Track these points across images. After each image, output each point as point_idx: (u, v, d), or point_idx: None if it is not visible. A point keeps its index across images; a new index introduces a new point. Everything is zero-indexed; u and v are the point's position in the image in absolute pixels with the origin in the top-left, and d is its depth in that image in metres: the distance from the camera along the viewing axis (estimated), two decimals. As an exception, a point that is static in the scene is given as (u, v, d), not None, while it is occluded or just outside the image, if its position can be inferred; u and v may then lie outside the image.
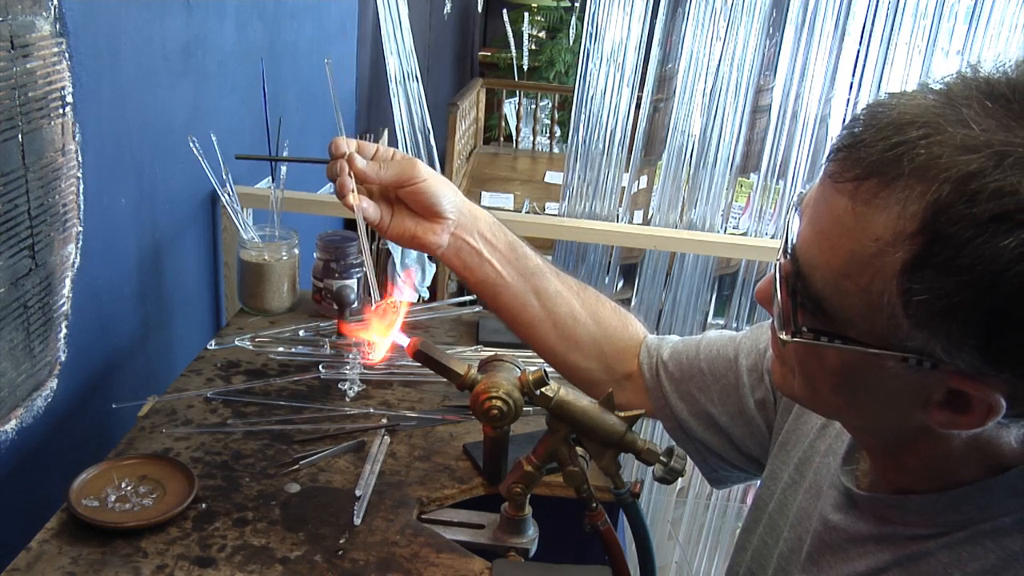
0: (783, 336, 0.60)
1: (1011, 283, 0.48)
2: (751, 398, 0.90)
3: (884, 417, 0.62)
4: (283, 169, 1.57)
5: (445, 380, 0.89)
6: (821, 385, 0.63)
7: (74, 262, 1.21)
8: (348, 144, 0.90)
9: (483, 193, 4.21)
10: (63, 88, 1.13)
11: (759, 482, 0.90)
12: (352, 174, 0.90)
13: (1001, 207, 0.48)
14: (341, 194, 0.90)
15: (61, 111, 1.13)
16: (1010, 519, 0.61)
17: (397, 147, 3.51)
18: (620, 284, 2.46)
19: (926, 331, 0.53)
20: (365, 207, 0.91)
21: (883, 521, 0.67)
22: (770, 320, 0.89)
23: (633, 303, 2.45)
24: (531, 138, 5.74)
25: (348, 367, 1.32)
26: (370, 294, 0.90)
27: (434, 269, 3.52)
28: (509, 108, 5.66)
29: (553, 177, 4.52)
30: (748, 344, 0.92)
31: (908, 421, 0.60)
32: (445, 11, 5.14)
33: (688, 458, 0.90)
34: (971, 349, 0.52)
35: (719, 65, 2.20)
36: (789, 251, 0.60)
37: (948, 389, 0.55)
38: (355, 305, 1.41)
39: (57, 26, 1.10)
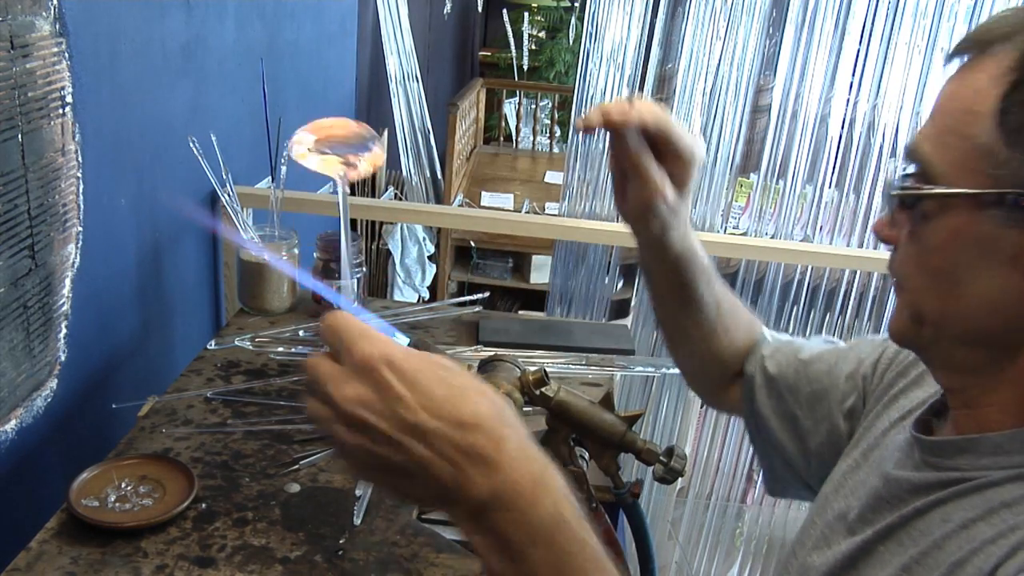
0: (897, 214, 0.66)
1: None
2: (842, 405, 0.89)
3: (982, 306, 0.63)
4: (283, 169, 1.57)
5: (445, 380, 0.89)
6: (927, 278, 0.66)
7: (74, 262, 1.21)
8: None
9: (483, 193, 4.21)
10: (63, 88, 1.13)
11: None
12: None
13: None
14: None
15: (61, 111, 1.13)
16: None
17: (397, 147, 3.51)
18: (620, 284, 2.45)
19: (1021, 150, 0.58)
20: None
21: (951, 469, 0.66)
22: (867, 337, 0.91)
23: (633, 303, 2.45)
24: (531, 138, 5.74)
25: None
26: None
27: (434, 269, 3.53)
28: (509, 108, 5.66)
29: (553, 177, 4.52)
30: (850, 353, 0.92)
31: (1009, 312, 0.61)
32: (445, 11, 5.14)
33: (687, 459, 0.90)
34: None
35: (719, 65, 2.20)
36: (905, 159, 0.66)
37: None
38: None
39: (57, 26, 1.10)
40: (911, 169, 0.65)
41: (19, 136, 1.04)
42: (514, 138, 5.54)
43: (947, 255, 0.63)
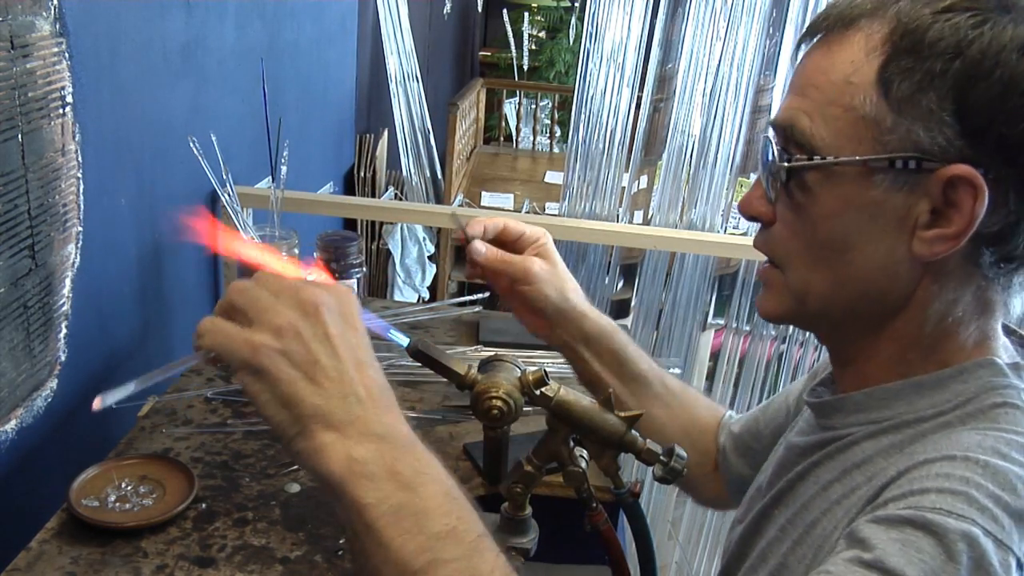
0: (775, 190, 0.67)
1: (971, 51, 0.58)
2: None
3: (872, 269, 0.65)
4: (283, 169, 1.57)
5: (445, 380, 0.89)
6: (815, 250, 0.67)
7: (74, 262, 1.21)
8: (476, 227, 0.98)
9: (483, 193, 4.21)
10: (63, 88, 1.13)
11: None
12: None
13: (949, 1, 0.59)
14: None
15: (61, 111, 1.13)
16: (930, 423, 0.63)
17: (397, 148, 3.51)
18: (620, 284, 2.45)
19: (908, 116, 0.60)
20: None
21: (828, 429, 0.70)
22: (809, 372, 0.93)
23: (633, 303, 2.45)
24: (531, 138, 5.73)
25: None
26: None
27: (434, 269, 3.52)
28: (509, 108, 5.66)
29: (553, 177, 4.52)
30: (796, 385, 0.94)
31: (896, 271, 0.64)
32: (445, 11, 5.14)
33: (687, 459, 0.90)
34: (950, 116, 0.59)
35: (719, 65, 2.20)
36: (773, 135, 0.67)
37: (931, 208, 0.61)
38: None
39: (57, 26, 1.10)
40: (783, 143, 0.67)
41: (19, 136, 1.04)
42: (514, 138, 5.54)
43: (836, 223, 0.65)
